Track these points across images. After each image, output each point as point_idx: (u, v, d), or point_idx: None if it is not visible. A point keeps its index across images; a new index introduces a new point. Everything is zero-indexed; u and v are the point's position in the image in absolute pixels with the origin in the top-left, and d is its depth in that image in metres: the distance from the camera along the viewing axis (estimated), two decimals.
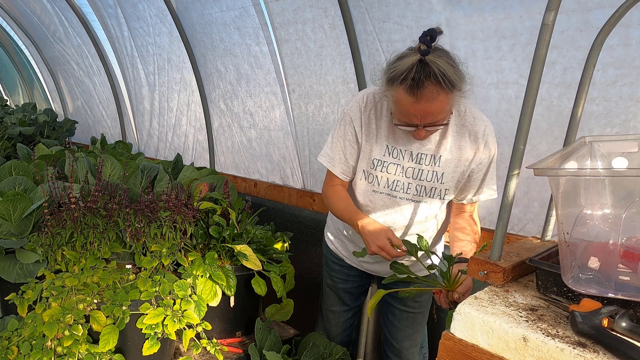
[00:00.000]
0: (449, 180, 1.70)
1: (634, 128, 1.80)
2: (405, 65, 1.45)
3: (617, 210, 0.99)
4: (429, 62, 1.42)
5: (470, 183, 1.72)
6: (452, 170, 1.69)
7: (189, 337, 1.79)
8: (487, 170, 1.70)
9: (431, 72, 1.42)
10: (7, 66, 7.61)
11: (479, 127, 1.66)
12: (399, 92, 1.50)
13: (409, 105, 1.50)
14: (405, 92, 1.47)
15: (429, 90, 1.44)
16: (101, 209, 1.94)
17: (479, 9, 2.05)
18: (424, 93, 1.45)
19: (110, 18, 4.40)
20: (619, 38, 1.74)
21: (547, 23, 1.01)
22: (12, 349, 1.63)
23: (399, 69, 1.46)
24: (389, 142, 1.72)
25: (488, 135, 1.67)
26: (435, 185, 1.71)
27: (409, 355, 2.08)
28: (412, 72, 1.43)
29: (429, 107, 1.49)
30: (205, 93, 3.86)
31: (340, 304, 2.14)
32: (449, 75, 1.43)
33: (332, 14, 2.60)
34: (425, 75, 1.43)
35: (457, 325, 1.01)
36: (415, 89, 1.45)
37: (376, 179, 1.75)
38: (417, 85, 1.44)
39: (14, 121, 4.86)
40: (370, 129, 1.73)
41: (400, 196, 1.75)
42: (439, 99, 1.47)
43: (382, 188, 1.75)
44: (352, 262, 2.03)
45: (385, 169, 1.73)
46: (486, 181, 1.71)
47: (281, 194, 3.42)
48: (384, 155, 1.72)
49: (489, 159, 1.69)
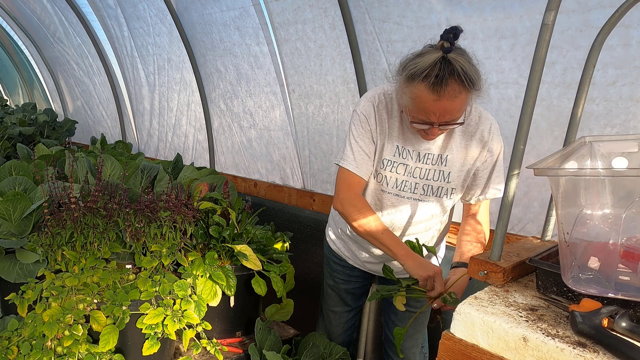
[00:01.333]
0: (455, 179, 1.70)
1: (634, 128, 1.80)
2: (427, 62, 1.42)
3: (617, 210, 0.99)
4: (451, 59, 1.41)
5: (477, 182, 1.72)
6: (459, 169, 1.69)
7: (189, 337, 1.79)
8: (493, 168, 1.70)
9: (455, 70, 1.41)
10: (7, 66, 7.62)
11: (484, 125, 1.66)
12: (419, 89, 1.46)
13: (430, 102, 1.47)
14: (428, 89, 1.44)
15: (452, 87, 1.43)
16: (101, 209, 1.93)
17: (479, 9, 2.05)
18: (447, 90, 1.43)
19: (110, 18, 4.40)
20: (619, 38, 1.74)
21: (547, 23, 1.01)
22: (12, 349, 1.63)
23: (420, 66, 1.44)
24: (399, 142, 1.71)
25: (493, 133, 1.67)
26: (442, 185, 1.71)
27: (410, 354, 2.08)
28: (436, 69, 1.41)
29: (450, 105, 1.47)
30: (205, 93, 3.86)
31: (342, 304, 2.14)
32: (471, 73, 1.42)
33: (332, 14, 2.60)
34: (449, 72, 1.41)
35: (457, 325, 1.01)
36: (438, 87, 1.43)
37: (385, 179, 1.75)
38: (440, 83, 1.42)
39: (14, 121, 4.86)
40: (383, 128, 1.70)
41: (408, 196, 1.74)
42: (460, 97, 1.45)
43: (390, 188, 1.75)
44: (354, 262, 2.02)
45: (394, 170, 1.72)
46: (492, 179, 1.71)
47: (281, 194, 3.42)
48: (394, 155, 1.71)
49: (494, 158, 1.69)
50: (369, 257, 1.95)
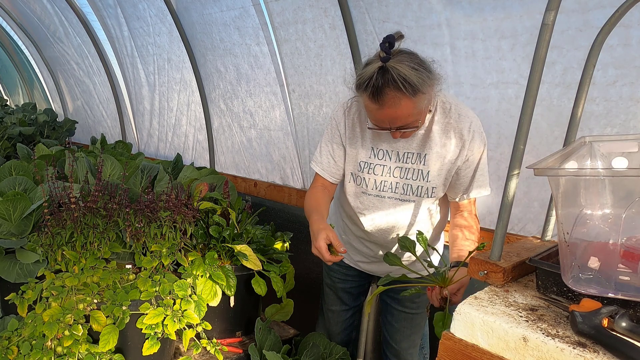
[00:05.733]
0: (435, 178, 1.69)
1: (634, 128, 1.80)
2: (368, 72, 1.47)
3: (617, 210, 0.99)
4: (389, 68, 1.43)
5: (460, 181, 1.70)
6: (438, 168, 1.68)
7: (189, 337, 1.79)
8: (477, 167, 1.67)
9: (390, 79, 1.43)
10: (7, 66, 7.62)
11: (463, 124, 1.64)
12: (365, 99, 1.53)
13: (375, 111, 1.53)
14: (369, 98, 1.50)
15: (390, 96, 1.45)
16: (101, 209, 1.94)
17: (479, 9, 2.05)
18: (385, 100, 1.46)
19: (110, 18, 4.40)
20: (619, 38, 1.73)
21: (547, 23, 1.01)
22: (12, 349, 1.63)
23: (363, 76, 1.49)
24: (374, 144, 1.73)
25: (474, 131, 1.64)
26: (422, 184, 1.71)
27: (408, 356, 2.08)
28: (373, 79, 1.45)
29: (394, 112, 1.50)
30: (205, 93, 3.86)
31: (340, 303, 2.15)
32: (410, 79, 1.43)
33: (332, 14, 2.60)
34: (385, 81, 1.43)
35: (457, 325, 1.01)
36: (377, 96, 1.47)
37: (364, 181, 1.76)
38: (377, 92, 1.46)
39: (14, 121, 4.86)
40: (355, 132, 1.75)
41: (389, 196, 1.75)
42: (401, 104, 1.47)
43: (370, 190, 1.76)
44: (349, 262, 2.03)
45: (372, 171, 1.74)
46: (476, 178, 1.68)
47: (281, 194, 3.42)
48: (370, 157, 1.74)
49: (477, 156, 1.66)
50: (361, 257, 1.97)
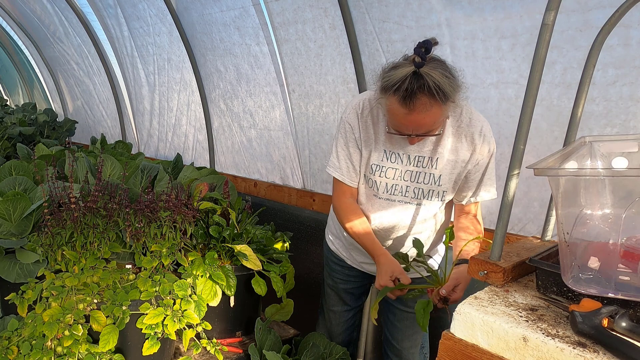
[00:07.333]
0: (446, 182, 1.70)
1: (634, 128, 1.80)
2: (399, 75, 1.44)
3: (617, 210, 0.99)
4: (423, 74, 1.41)
5: (468, 184, 1.72)
6: (450, 171, 1.69)
7: (189, 337, 1.79)
8: (485, 170, 1.69)
9: (425, 85, 1.41)
10: (7, 66, 7.61)
11: (475, 128, 1.65)
12: (392, 102, 1.50)
13: (401, 116, 1.50)
14: (398, 102, 1.47)
15: (422, 102, 1.44)
16: (101, 208, 1.93)
17: (479, 9, 2.05)
18: (416, 105, 1.45)
19: (110, 18, 4.40)
20: (619, 38, 1.73)
21: (547, 23, 1.01)
22: (12, 348, 1.63)
23: (392, 79, 1.46)
24: (387, 146, 1.71)
25: (485, 135, 1.66)
26: (433, 188, 1.71)
27: (409, 355, 2.08)
28: (406, 83, 1.42)
29: (422, 118, 1.49)
30: (205, 93, 3.86)
31: (341, 304, 2.15)
32: (443, 87, 1.42)
33: (332, 14, 2.60)
34: (419, 87, 1.42)
35: (457, 325, 1.01)
36: (408, 100, 1.44)
37: (375, 184, 1.76)
38: (410, 97, 1.43)
39: (14, 121, 4.86)
40: (369, 134, 1.73)
41: (399, 199, 1.75)
42: (432, 111, 1.46)
43: (381, 193, 1.76)
44: (352, 262, 2.03)
45: (384, 174, 1.73)
46: (484, 181, 1.70)
47: (281, 193, 3.42)
48: (382, 160, 1.73)
49: (486, 160, 1.68)
50: (364, 258, 1.97)
